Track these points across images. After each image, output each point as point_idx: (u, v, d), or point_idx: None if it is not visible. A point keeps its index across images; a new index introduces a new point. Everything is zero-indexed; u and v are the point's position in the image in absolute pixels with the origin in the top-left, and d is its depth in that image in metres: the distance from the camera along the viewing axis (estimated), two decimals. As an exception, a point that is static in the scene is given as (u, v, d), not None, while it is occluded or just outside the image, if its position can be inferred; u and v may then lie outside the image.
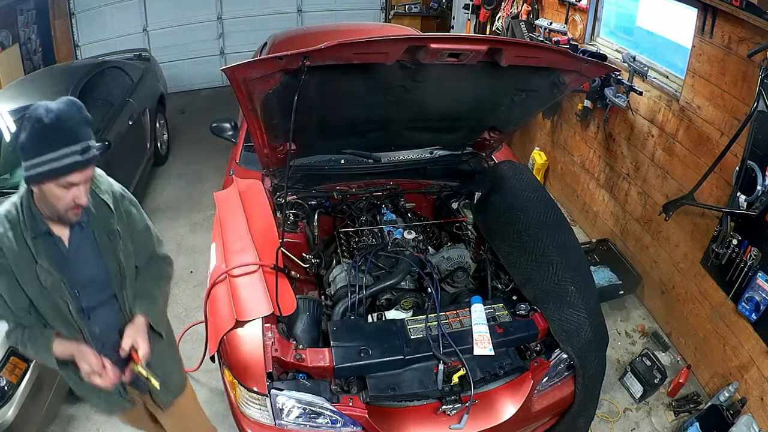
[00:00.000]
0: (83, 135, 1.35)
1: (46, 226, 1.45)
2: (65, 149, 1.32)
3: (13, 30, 5.17)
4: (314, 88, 1.87)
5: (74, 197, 1.37)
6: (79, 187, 1.37)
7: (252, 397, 1.77)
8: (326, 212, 2.68)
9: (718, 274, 2.67)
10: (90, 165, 1.37)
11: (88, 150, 1.35)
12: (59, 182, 1.34)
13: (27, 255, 1.43)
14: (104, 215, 1.53)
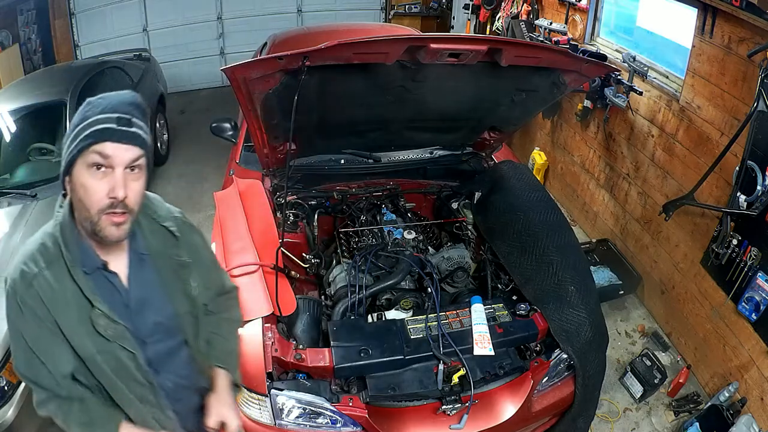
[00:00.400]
0: (123, 108, 1.07)
1: (99, 259, 1.14)
2: (98, 116, 1.05)
3: (13, 30, 5.17)
4: (314, 88, 1.87)
5: (110, 187, 1.04)
6: (114, 172, 1.05)
7: (252, 397, 1.77)
8: (326, 212, 2.68)
9: (718, 274, 2.67)
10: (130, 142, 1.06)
11: (128, 123, 1.06)
12: (89, 159, 1.04)
13: (76, 299, 1.11)
14: (167, 244, 1.25)
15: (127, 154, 1.06)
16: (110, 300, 1.14)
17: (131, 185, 1.07)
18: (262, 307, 1.88)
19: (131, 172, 1.07)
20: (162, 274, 1.23)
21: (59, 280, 1.10)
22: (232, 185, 2.52)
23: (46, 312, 1.09)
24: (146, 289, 1.21)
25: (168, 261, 1.24)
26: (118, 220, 1.07)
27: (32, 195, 2.90)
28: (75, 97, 3.52)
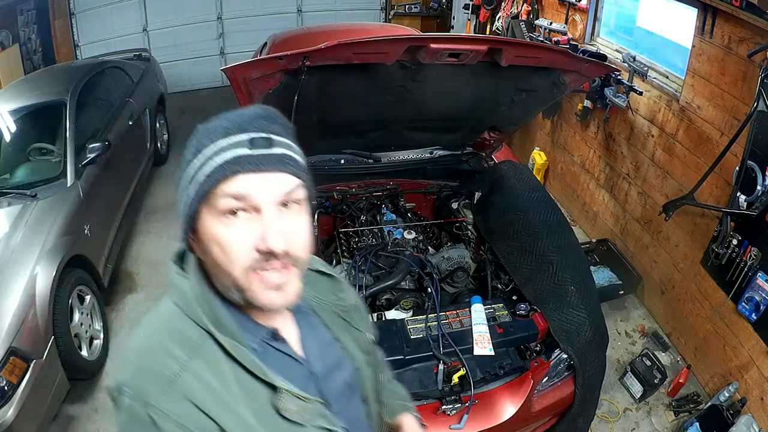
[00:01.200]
0: (255, 125, 0.75)
1: (266, 328, 0.83)
2: (220, 142, 0.74)
3: (13, 30, 5.17)
4: (314, 88, 1.88)
5: (258, 237, 0.73)
6: (261, 215, 0.73)
7: (252, 397, 1.77)
8: (326, 212, 2.68)
9: (718, 274, 2.67)
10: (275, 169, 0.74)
11: (267, 143, 0.74)
12: (219, 205, 0.73)
13: (246, 389, 0.77)
14: (326, 290, 0.97)
15: (274, 185, 0.74)
16: (291, 375, 0.82)
17: (290, 227, 0.75)
18: (262, 307, 1.88)
19: (285, 209, 0.75)
20: (331, 326, 0.96)
21: (215, 372, 0.75)
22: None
23: (201, 419, 0.73)
24: (324, 348, 0.93)
25: (331, 308, 0.97)
26: (278, 280, 0.75)
27: (32, 195, 2.90)
28: (75, 97, 3.51)
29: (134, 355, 0.82)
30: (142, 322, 0.86)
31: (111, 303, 3.37)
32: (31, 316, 2.38)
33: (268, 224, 0.73)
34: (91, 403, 2.75)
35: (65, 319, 2.58)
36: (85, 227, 3.03)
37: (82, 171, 3.20)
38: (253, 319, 0.82)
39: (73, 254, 2.78)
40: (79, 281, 2.83)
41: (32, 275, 2.48)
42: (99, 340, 2.98)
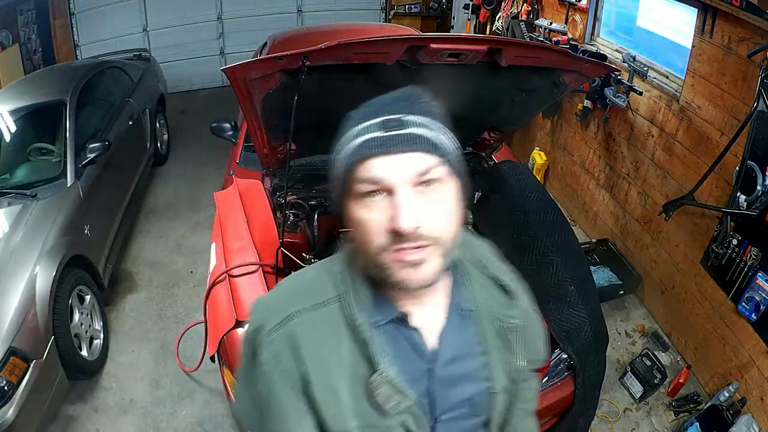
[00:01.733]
0: (391, 108, 0.77)
1: (396, 310, 0.83)
2: (357, 127, 0.77)
3: (13, 30, 5.17)
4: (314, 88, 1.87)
5: (388, 217, 0.73)
6: (397, 195, 0.73)
7: (252, 397, 1.77)
8: (326, 212, 2.68)
9: (718, 274, 2.67)
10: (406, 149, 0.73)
11: (399, 124, 0.75)
12: (356, 189, 0.76)
13: (351, 357, 0.81)
14: (498, 303, 0.91)
15: (404, 166, 0.73)
16: (404, 363, 0.82)
17: (426, 207, 0.74)
18: (262, 307, 1.88)
19: (424, 187, 0.74)
20: (485, 339, 0.90)
21: (332, 330, 0.81)
22: (232, 185, 2.52)
23: (295, 364, 0.80)
24: (464, 355, 0.88)
25: (495, 323, 0.90)
26: (413, 257, 0.74)
27: (32, 195, 2.90)
28: (75, 97, 3.52)
29: (270, 296, 0.90)
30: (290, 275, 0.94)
31: (111, 303, 3.37)
32: (31, 316, 2.38)
33: (399, 205, 0.72)
34: (91, 403, 2.75)
35: (65, 319, 2.59)
36: (85, 227, 3.03)
37: (82, 171, 3.20)
38: (389, 300, 0.83)
39: (73, 254, 2.78)
40: (79, 281, 2.83)
41: (32, 275, 2.48)
42: (99, 340, 2.98)
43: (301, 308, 0.82)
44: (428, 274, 0.76)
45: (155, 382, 2.86)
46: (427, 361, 0.85)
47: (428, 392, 0.85)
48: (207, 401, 2.75)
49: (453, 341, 0.87)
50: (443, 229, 0.76)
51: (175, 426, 2.64)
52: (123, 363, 2.98)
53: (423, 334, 0.84)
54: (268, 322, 0.82)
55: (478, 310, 0.89)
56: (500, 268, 0.94)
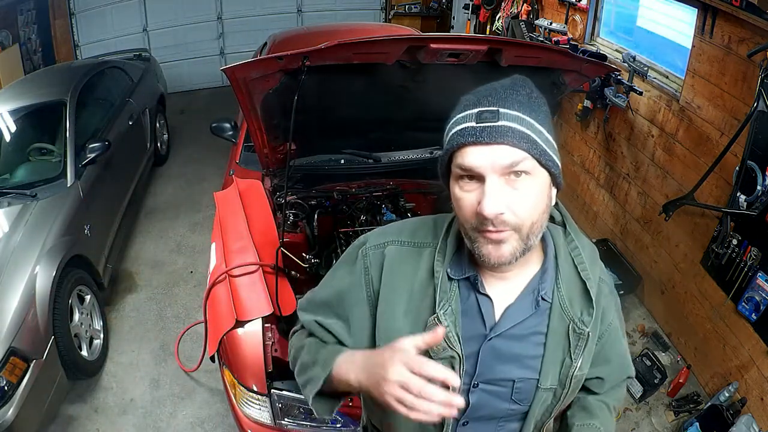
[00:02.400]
0: (491, 98, 0.81)
1: (474, 271, 0.91)
2: (459, 115, 0.84)
3: (13, 30, 5.17)
4: (314, 88, 1.87)
5: (476, 199, 0.80)
6: (486, 183, 0.79)
7: (252, 397, 1.77)
8: (326, 212, 2.68)
9: (718, 274, 2.67)
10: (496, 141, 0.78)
11: (493, 116, 0.79)
12: (454, 172, 0.84)
13: (421, 293, 0.93)
14: (576, 303, 0.94)
15: (493, 157, 0.78)
16: (466, 321, 0.92)
17: (511, 196, 0.80)
18: (262, 307, 1.88)
19: (514, 178, 0.80)
20: (550, 332, 0.93)
21: (414, 266, 0.94)
22: (232, 185, 2.52)
23: (376, 279, 0.96)
24: (522, 337, 0.93)
25: (565, 322, 0.93)
26: (494, 236, 0.81)
27: (32, 195, 2.90)
28: (75, 97, 3.52)
29: (386, 226, 1.05)
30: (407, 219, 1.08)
31: (111, 303, 3.37)
32: (31, 316, 2.38)
33: (485, 192, 0.79)
34: (91, 403, 2.75)
35: (65, 319, 2.59)
36: (85, 227, 3.03)
37: (82, 171, 3.20)
38: (473, 264, 0.91)
39: (73, 254, 2.78)
40: (79, 281, 2.83)
41: (32, 275, 2.48)
42: (99, 340, 2.99)
43: (399, 240, 0.97)
44: (506, 253, 0.83)
45: (155, 382, 2.86)
46: (485, 328, 0.92)
47: (477, 355, 0.92)
48: (207, 401, 2.75)
49: (517, 320, 0.92)
50: (525, 218, 0.81)
51: (175, 426, 2.64)
52: (123, 363, 2.98)
53: (493, 303, 0.92)
54: (372, 240, 1.00)
55: (554, 304, 0.93)
56: (594, 272, 0.95)
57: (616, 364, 1.06)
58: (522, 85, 0.84)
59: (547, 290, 0.92)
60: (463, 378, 0.92)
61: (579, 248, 0.96)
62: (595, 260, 0.98)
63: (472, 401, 0.95)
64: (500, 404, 0.96)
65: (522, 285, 0.92)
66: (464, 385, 0.94)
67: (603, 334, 0.99)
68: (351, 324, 0.99)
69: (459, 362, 0.91)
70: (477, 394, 0.95)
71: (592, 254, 0.98)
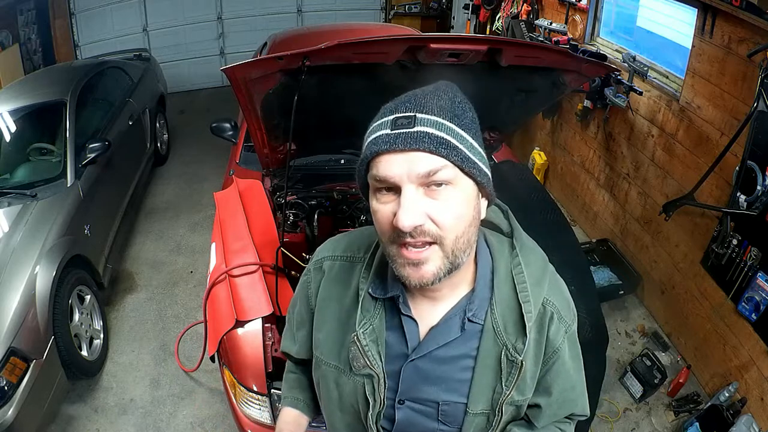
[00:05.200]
0: (410, 103, 0.76)
1: (399, 289, 0.88)
2: (375, 123, 0.79)
3: (13, 30, 5.17)
4: (314, 88, 1.87)
5: (392, 211, 0.75)
6: (402, 193, 0.74)
7: (252, 397, 1.77)
8: (326, 212, 2.68)
9: (718, 274, 2.67)
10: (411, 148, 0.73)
11: (409, 121, 0.73)
12: (371, 183, 0.79)
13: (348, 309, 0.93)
14: (512, 327, 0.87)
15: (410, 164, 0.73)
16: (391, 340, 0.90)
17: (431, 206, 0.74)
18: (262, 307, 1.88)
19: (435, 188, 0.74)
20: (480, 357, 0.87)
21: (348, 280, 0.94)
22: (232, 185, 2.52)
23: (314, 294, 0.99)
24: (447, 360, 0.88)
25: (498, 346, 0.87)
26: (413, 256, 0.76)
27: (32, 195, 2.90)
28: (75, 97, 3.52)
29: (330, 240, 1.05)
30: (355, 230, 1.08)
31: (111, 303, 3.37)
32: (31, 316, 2.38)
33: (401, 203, 0.73)
34: (91, 403, 2.75)
35: (65, 319, 2.59)
36: (85, 227, 3.03)
37: (82, 171, 3.20)
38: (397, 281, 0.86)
39: (73, 254, 2.78)
40: (79, 281, 2.83)
41: (32, 275, 2.48)
42: (99, 339, 2.99)
43: (334, 255, 0.98)
44: (428, 274, 0.77)
45: (155, 382, 2.86)
46: (407, 348, 0.89)
47: (399, 375, 0.90)
48: (207, 401, 2.75)
49: (441, 343, 0.87)
50: (447, 229, 0.75)
51: (175, 426, 2.64)
52: (123, 363, 2.98)
53: (417, 324, 0.88)
54: (315, 256, 1.03)
55: (486, 327, 0.87)
56: (537, 294, 0.88)
57: (556, 397, 0.95)
58: (445, 90, 0.79)
59: (477, 312, 0.87)
60: (386, 394, 0.91)
61: (522, 266, 0.89)
62: (541, 280, 0.90)
63: (399, 417, 0.92)
64: (429, 423, 0.92)
65: (449, 305, 0.87)
66: (389, 400, 0.92)
67: (547, 362, 0.91)
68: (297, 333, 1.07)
69: (378, 380, 0.90)
70: (403, 411, 0.92)
71: (539, 273, 0.91)
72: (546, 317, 0.89)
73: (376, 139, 0.75)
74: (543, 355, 0.90)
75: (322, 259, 1.00)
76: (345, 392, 0.95)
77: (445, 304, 0.88)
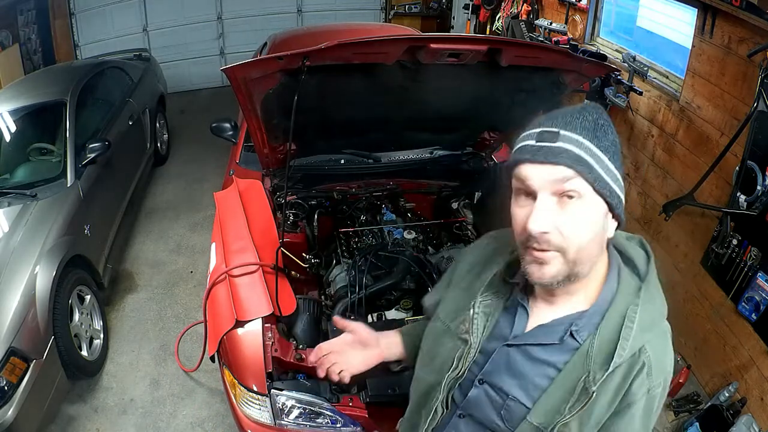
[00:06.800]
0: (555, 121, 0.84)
1: (522, 279, 0.95)
2: (525, 132, 0.87)
3: (13, 30, 5.17)
4: (314, 88, 1.87)
5: (527, 215, 0.83)
6: (538, 200, 0.82)
7: (252, 397, 1.77)
8: (326, 212, 2.68)
9: (718, 274, 2.66)
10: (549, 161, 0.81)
11: (552, 137, 0.82)
12: (514, 184, 0.87)
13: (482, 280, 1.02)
14: (600, 360, 0.87)
15: (546, 175, 0.81)
16: (501, 320, 0.97)
17: (561, 217, 0.81)
18: (262, 307, 1.88)
19: (566, 200, 0.81)
20: (564, 372, 0.89)
21: (492, 260, 1.03)
22: (232, 185, 2.52)
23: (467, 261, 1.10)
24: (535, 360, 0.92)
25: (582, 370, 0.88)
26: (540, 256, 0.84)
27: (32, 195, 2.90)
28: (75, 97, 3.52)
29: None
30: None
31: (111, 303, 3.37)
32: (31, 316, 2.38)
33: (535, 209, 0.82)
34: (91, 403, 2.75)
35: (65, 319, 2.59)
36: (85, 227, 3.03)
37: (82, 171, 3.20)
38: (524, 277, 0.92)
39: (73, 254, 2.78)
40: (79, 281, 2.83)
41: (32, 275, 2.48)
42: (99, 339, 2.99)
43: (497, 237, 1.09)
44: (547, 275, 0.85)
45: (155, 382, 2.86)
46: (509, 334, 0.96)
47: (492, 354, 0.96)
48: (207, 401, 2.75)
49: (540, 341, 0.92)
50: (571, 240, 0.82)
51: (175, 426, 2.64)
52: (123, 363, 2.98)
53: (528, 316, 0.95)
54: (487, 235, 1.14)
55: (583, 348, 0.89)
56: (638, 338, 0.88)
57: None
58: (591, 111, 0.85)
59: (582, 331, 0.89)
60: (472, 367, 0.98)
61: (639, 307, 0.89)
62: (649, 329, 0.91)
63: (472, 394, 0.98)
64: (490, 413, 0.96)
65: (563, 313, 0.93)
66: (472, 374, 0.98)
67: (618, 412, 0.88)
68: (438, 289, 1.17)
69: (469, 347, 0.97)
70: (478, 391, 0.97)
71: (650, 321, 0.91)
72: (636, 366, 0.88)
73: (522, 147, 0.85)
74: (617, 404, 0.88)
75: (486, 236, 1.14)
76: (442, 351, 1.02)
77: (559, 310, 0.93)
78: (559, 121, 0.84)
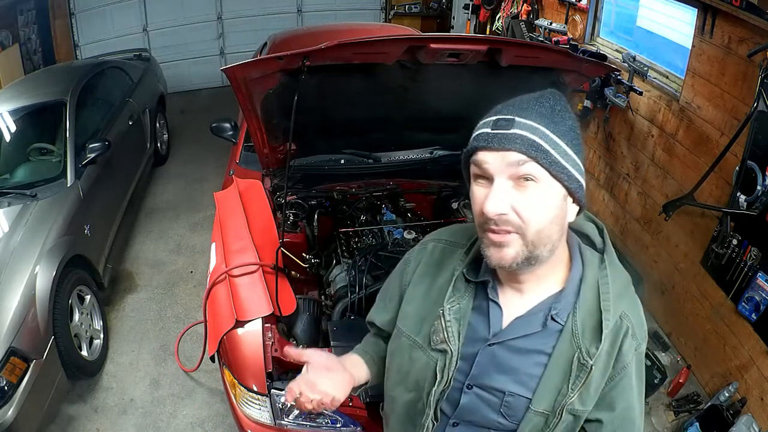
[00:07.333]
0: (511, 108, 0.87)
1: (489, 276, 0.96)
2: (482, 120, 0.90)
3: (13, 30, 5.17)
4: (314, 88, 1.87)
5: (484, 197, 0.85)
6: (494, 183, 0.84)
7: (252, 397, 1.77)
8: (326, 212, 2.68)
9: (718, 274, 2.67)
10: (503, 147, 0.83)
11: (507, 124, 0.84)
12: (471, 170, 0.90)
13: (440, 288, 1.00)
14: (590, 333, 0.91)
15: (500, 160, 0.83)
16: (474, 323, 0.96)
17: (518, 198, 0.83)
18: (262, 307, 1.88)
19: (523, 182, 0.83)
20: (554, 356, 0.92)
21: (446, 262, 1.02)
22: (232, 185, 2.52)
23: (412, 269, 1.08)
24: (523, 352, 0.93)
25: (572, 349, 0.91)
26: (497, 238, 0.85)
27: (32, 195, 2.90)
28: (75, 97, 3.52)
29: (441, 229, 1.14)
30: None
31: (111, 303, 3.37)
32: (31, 316, 2.38)
33: (491, 191, 0.84)
34: (91, 403, 2.75)
35: (65, 319, 2.59)
36: (85, 227, 3.03)
37: (82, 171, 3.20)
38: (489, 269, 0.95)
39: (73, 254, 2.78)
40: (79, 281, 2.83)
41: (32, 275, 2.48)
42: (99, 339, 2.98)
43: (440, 239, 1.08)
44: (507, 257, 0.86)
45: (155, 382, 2.86)
46: (488, 332, 0.95)
47: (474, 358, 0.95)
48: (207, 401, 2.75)
49: (521, 333, 0.93)
50: (528, 222, 0.83)
51: (175, 426, 2.64)
52: (123, 363, 2.98)
53: (502, 311, 0.95)
54: (423, 240, 1.14)
55: (566, 328, 0.91)
56: (617, 306, 0.92)
57: (619, 413, 0.97)
58: (548, 98, 0.88)
59: (562, 312, 0.92)
60: (456, 375, 0.97)
61: (608, 278, 0.94)
62: (623, 295, 0.95)
63: (463, 401, 0.97)
64: (489, 413, 0.96)
65: (536, 301, 0.94)
66: (457, 382, 0.97)
67: (614, 377, 0.93)
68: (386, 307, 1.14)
69: (451, 357, 0.95)
70: (469, 396, 0.97)
71: (622, 288, 0.95)
72: (621, 331, 0.93)
73: (478, 135, 0.87)
74: (611, 369, 0.93)
75: (427, 241, 1.10)
76: (415, 367, 1.00)
77: (532, 298, 0.94)
78: (515, 108, 0.86)
